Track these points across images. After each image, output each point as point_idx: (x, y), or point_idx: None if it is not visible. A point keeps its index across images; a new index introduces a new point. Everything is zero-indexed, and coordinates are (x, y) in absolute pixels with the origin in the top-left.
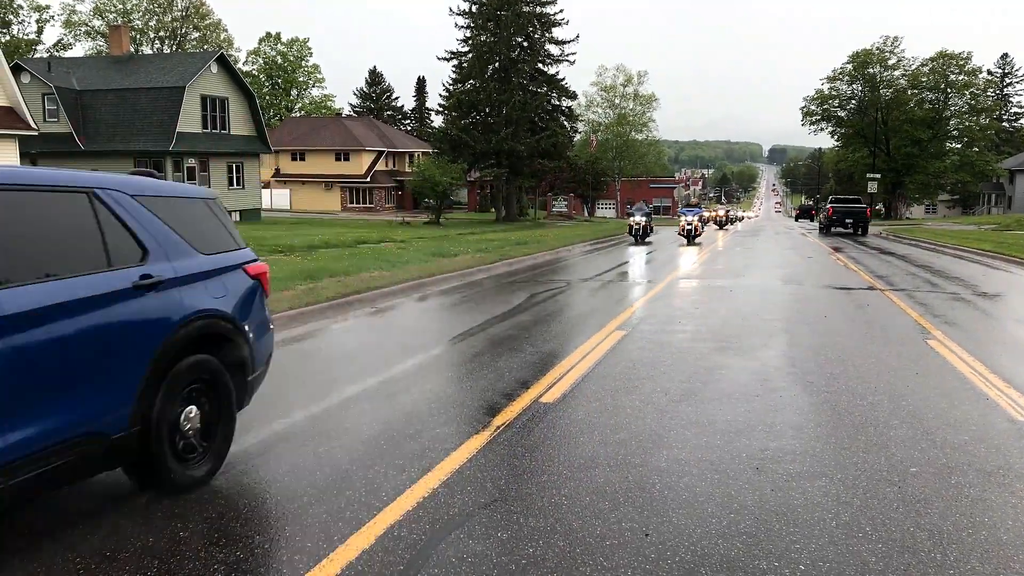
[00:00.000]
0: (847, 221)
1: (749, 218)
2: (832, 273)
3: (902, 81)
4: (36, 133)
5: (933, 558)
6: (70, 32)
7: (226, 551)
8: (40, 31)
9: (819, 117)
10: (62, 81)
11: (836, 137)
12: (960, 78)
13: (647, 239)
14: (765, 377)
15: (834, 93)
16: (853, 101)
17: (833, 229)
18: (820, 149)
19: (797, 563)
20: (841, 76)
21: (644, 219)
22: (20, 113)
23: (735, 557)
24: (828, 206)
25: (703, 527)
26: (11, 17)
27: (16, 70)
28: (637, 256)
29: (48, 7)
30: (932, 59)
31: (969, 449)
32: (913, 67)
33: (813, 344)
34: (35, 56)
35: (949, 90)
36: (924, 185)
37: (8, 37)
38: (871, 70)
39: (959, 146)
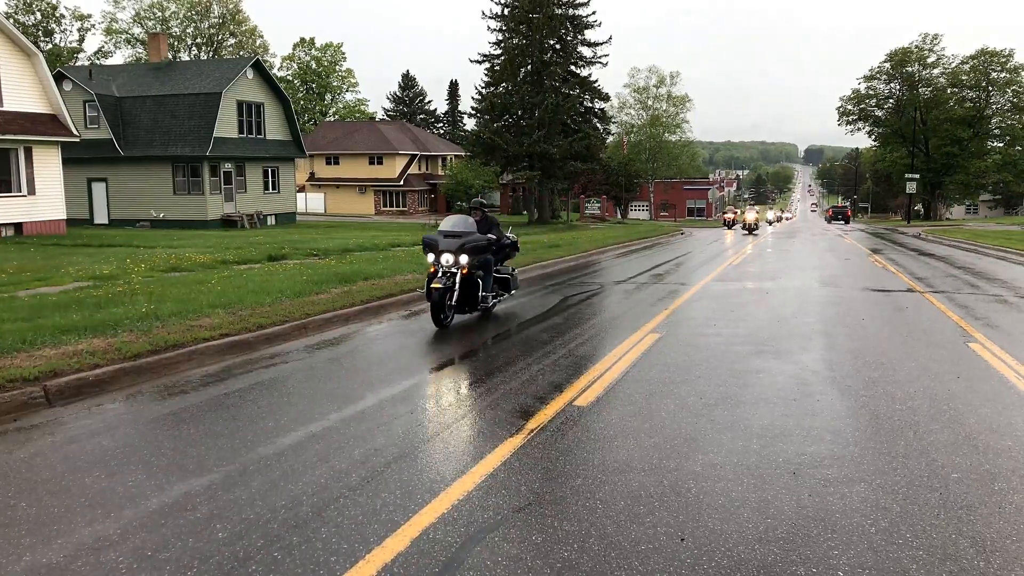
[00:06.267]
0: (838, 216)
1: (764, 221)
2: (870, 275)
3: (942, 80)
4: (78, 139)
5: (976, 566)
6: (110, 40)
7: (263, 552)
8: (82, 40)
9: (856, 117)
10: (103, 88)
11: (873, 137)
12: (1002, 76)
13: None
14: (802, 381)
15: (871, 92)
16: (891, 100)
17: (832, 222)
18: (857, 149)
19: (835, 569)
20: (879, 75)
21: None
22: (63, 120)
23: (772, 563)
24: (828, 209)
25: (739, 532)
26: (54, 26)
27: (59, 78)
28: (671, 259)
29: (90, 16)
30: (973, 57)
31: (1013, 455)
32: (953, 65)
33: (851, 347)
34: (77, 64)
35: (991, 88)
36: (965, 185)
37: (51, 46)
38: (909, 69)
39: (1001, 145)
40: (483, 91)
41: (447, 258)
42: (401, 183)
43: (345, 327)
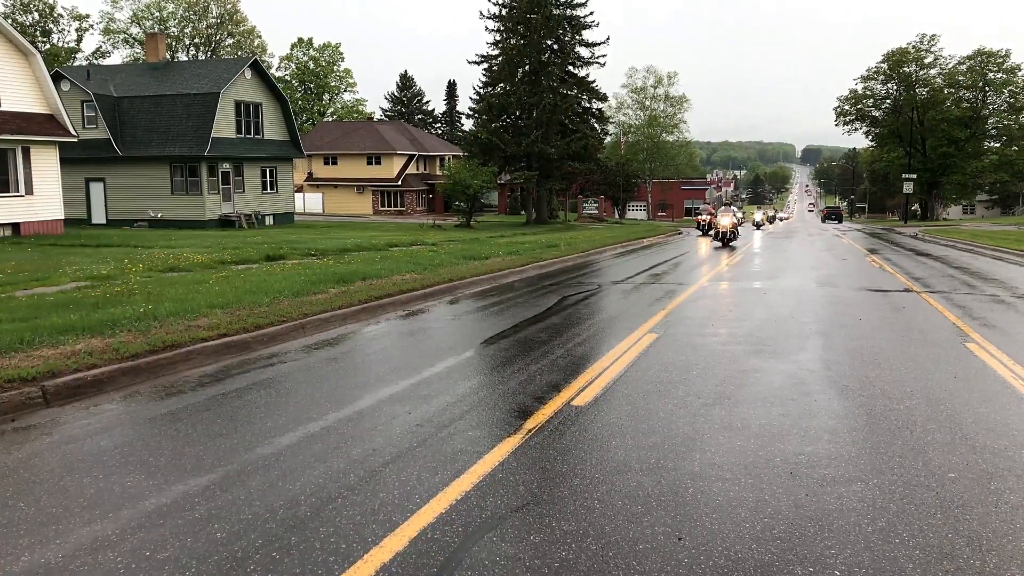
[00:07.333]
0: (832, 216)
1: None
2: (867, 275)
3: (938, 80)
4: (76, 139)
5: (972, 565)
6: (108, 40)
7: (262, 552)
8: (79, 40)
9: (853, 117)
10: (100, 88)
11: (871, 137)
12: (998, 76)
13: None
14: (800, 380)
15: (868, 93)
16: (888, 101)
17: (826, 221)
18: (854, 149)
19: (832, 569)
20: (876, 75)
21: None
22: (60, 120)
23: (769, 562)
24: (824, 209)
25: (737, 532)
26: (51, 26)
27: (56, 78)
28: (668, 259)
29: (87, 16)
30: (969, 57)
31: (1009, 454)
32: (950, 65)
33: (848, 347)
34: (75, 64)
35: (987, 88)
36: (962, 185)
37: (49, 46)
38: (906, 69)
39: (998, 145)
40: (481, 91)
41: None
42: (399, 183)
43: (343, 327)
